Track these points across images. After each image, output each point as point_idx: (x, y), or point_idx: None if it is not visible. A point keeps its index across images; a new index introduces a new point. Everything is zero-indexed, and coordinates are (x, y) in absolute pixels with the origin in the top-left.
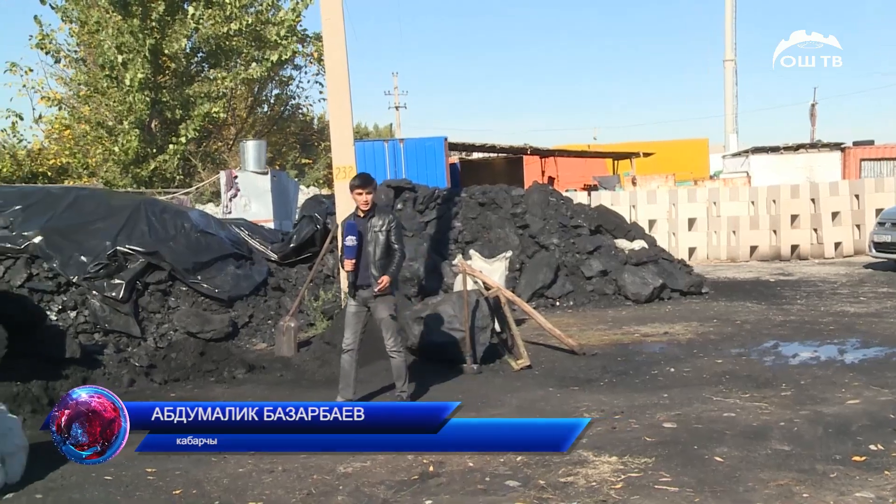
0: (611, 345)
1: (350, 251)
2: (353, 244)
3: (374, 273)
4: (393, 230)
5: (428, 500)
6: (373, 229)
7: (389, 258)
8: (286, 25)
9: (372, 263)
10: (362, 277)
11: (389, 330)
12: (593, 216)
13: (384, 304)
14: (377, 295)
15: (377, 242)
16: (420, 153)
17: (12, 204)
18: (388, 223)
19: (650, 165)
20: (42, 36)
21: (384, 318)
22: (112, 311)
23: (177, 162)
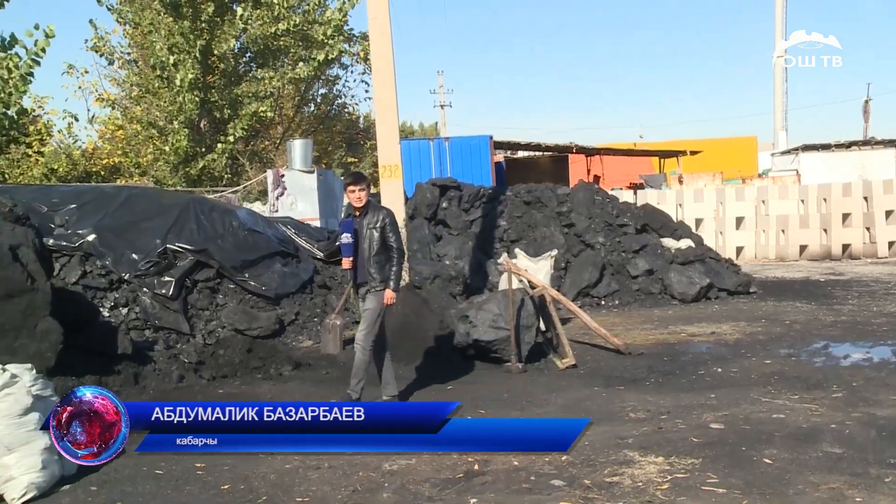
0: (657, 344)
1: (346, 249)
2: (348, 241)
3: (371, 271)
4: (387, 226)
5: (473, 498)
6: (367, 226)
7: (387, 255)
8: (333, 25)
9: (367, 261)
10: (361, 275)
11: (366, 322)
12: (639, 215)
13: (374, 297)
14: (371, 290)
15: (371, 239)
16: (465, 152)
17: (68, 203)
18: (381, 219)
19: (697, 164)
20: (97, 38)
21: (367, 310)
22: (162, 308)
23: (225, 161)
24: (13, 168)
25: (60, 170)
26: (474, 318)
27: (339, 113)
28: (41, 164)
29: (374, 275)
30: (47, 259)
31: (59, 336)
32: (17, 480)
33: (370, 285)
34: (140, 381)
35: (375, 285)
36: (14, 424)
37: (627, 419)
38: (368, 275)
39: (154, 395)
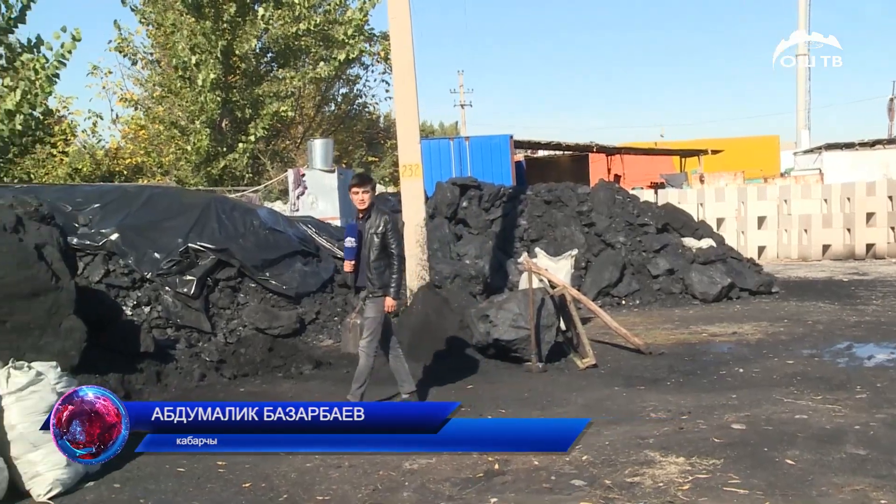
0: (678, 344)
1: (349, 252)
2: (351, 245)
3: (369, 276)
4: (388, 232)
5: (493, 497)
6: (368, 231)
7: (387, 261)
8: (353, 25)
9: (367, 265)
10: (361, 279)
11: (368, 330)
12: (660, 214)
13: (374, 304)
14: (369, 296)
15: (371, 244)
16: (486, 151)
17: (92, 202)
18: (382, 224)
19: (718, 163)
20: (121, 39)
21: (368, 318)
22: (184, 307)
23: (246, 160)
24: (38, 168)
25: (84, 169)
26: (494, 318)
27: (360, 112)
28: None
29: (374, 280)
30: (71, 258)
31: (83, 334)
32: (42, 476)
33: (369, 291)
34: (162, 380)
35: (374, 291)
36: (39, 422)
37: (648, 419)
38: (367, 280)
39: (176, 394)
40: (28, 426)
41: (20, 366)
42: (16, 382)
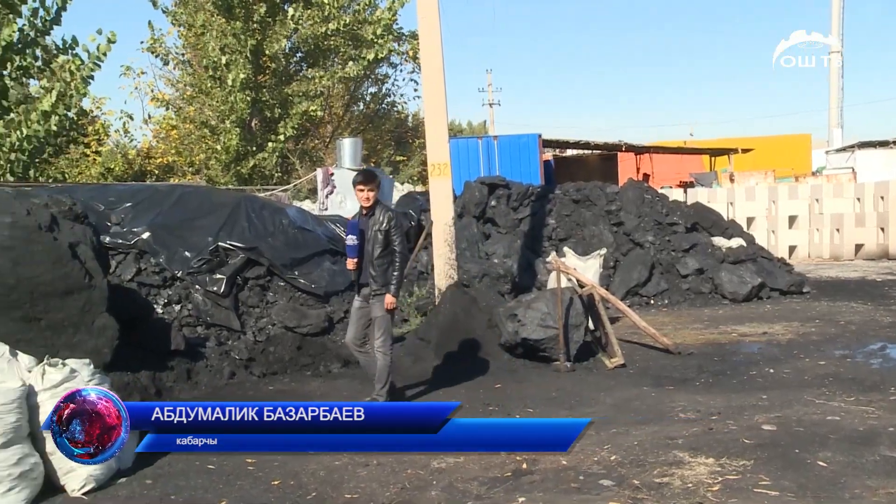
0: (707, 344)
1: (351, 250)
2: (353, 243)
3: (372, 273)
4: (392, 229)
5: (521, 497)
6: (372, 227)
7: (390, 258)
8: (382, 24)
9: (370, 263)
10: (364, 276)
11: (380, 329)
12: (689, 213)
13: (379, 303)
14: (374, 293)
15: (375, 241)
16: (514, 150)
17: (124, 201)
18: (385, 221)
19: (749, 162)
20: (153, 40)
21: (377, 317)
22: (213, 306)
23: (275, 159)
24: (72, 167)
25: (117, 169)
26: (522, 317)
27: (388, 111)
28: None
29: (376, 278)
30: (104, 256)
31: (115, 332)
32: (77, 472)
33: (372, 289)
34: (193, 377)
35: (377, 289)
36: None
37: (677, 419)
38: (370, 277)
39: (206, 392)
40: None
41: (55, 363)
42: (51, 379)
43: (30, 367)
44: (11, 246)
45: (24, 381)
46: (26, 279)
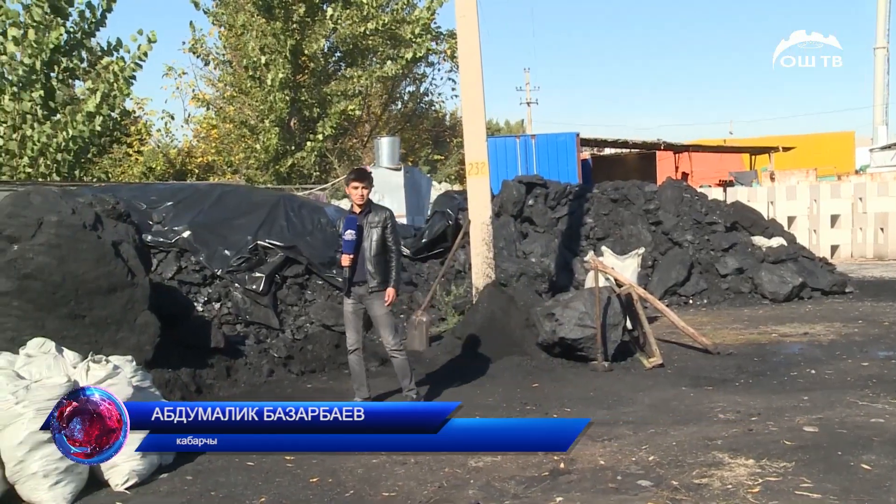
0: (746, 344)
1: (349, 246)
2: (352, 238)
3: (370, 269)
4: (389, 226)
5: (559, 496)
6: (369, 225)
7: (386, 256)
8: (421, 23)
9: (368, 260)
10: (359, 274)
11: (387, 327)
12: (729, 213)
13: (379, 300)
14: (371, 291)
15: (372, 238)
16: (552, 149)
17: (165, 200)
18: (384, 219)
19: (790, 160)
20: (194, 41)
21: (380, 316)
22: (252, 304)
23: (314, 159)
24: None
25: (158, 168)
26: (560, 316)
27: (426, 110)
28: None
29: (374, 275)
30: (146, 255)
31: (157, 329)
32: (119, 467)
33: (369, 285)
34: (232, 375)
35: (374, 286)
36: None
37: (716, 420)
38: (368, 274)
39: (245, 389)
40: None
41: (99, 359)
42: (95, 375)
43: (75, 364)
44: (58, 244)
45: (69, 377)
46: (72, 277)
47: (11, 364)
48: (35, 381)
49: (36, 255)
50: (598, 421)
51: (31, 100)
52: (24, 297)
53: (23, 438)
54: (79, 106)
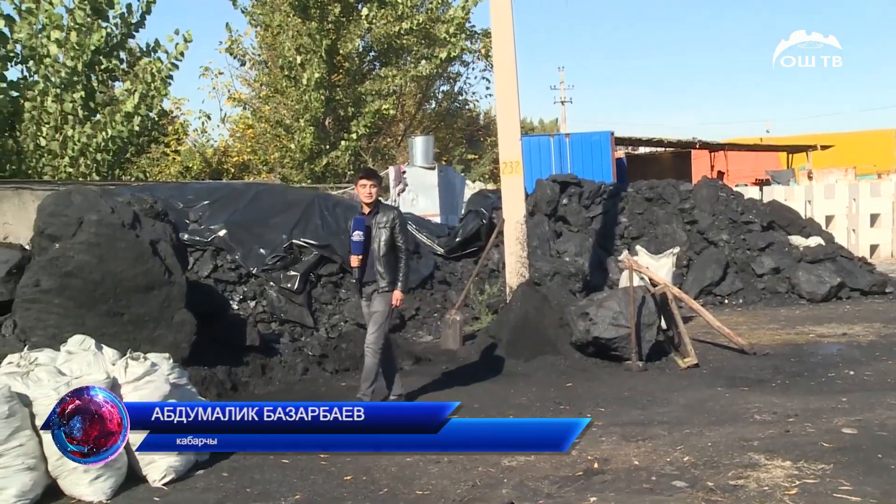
0: (783, 345)
1: (357, 247)
2: (360, 239)
3: (380, 270)
4: (398, 226)
5: (593, 496)
6: (377, 225)
7: (395, 256)
8: (455, 23)
9: (377, 260)
10: (368, 274)
11: (377, 325)
12: (765, 212)
13: (382, 298)
14: (381, 291)
15: (381, 238)
16: (586, 148)
17: (201, 199)
18: (392, 219)
19: (828, 159)
20: (231, 41)
21: (377, 312)
22: (287, 302)
23: (348, 158)
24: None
25: (195, 168)
26: (594, 316)
27: (460, 109)
28: (177, 162)
29: (384, 275)
30: (183, 253)
31: (194, 327)
32: (157, 463)
33: (378, 286)
34: (267, 373)
35: (384, 286)
36: None
37: (752, 421)
38: (378, 274)
39: (280, 387)
40: None
41: (137, 357)
42: (133, 372)
43: (113, 361)
44: (97, 243)
45: (108, 374)
46: (111, 275)
47: (53, 360)
48: (76, 378)
49: (76, 254)
50: (632, 421)
51: (73, 101)
52: (64, 295)
53: None
54: (118, 106)
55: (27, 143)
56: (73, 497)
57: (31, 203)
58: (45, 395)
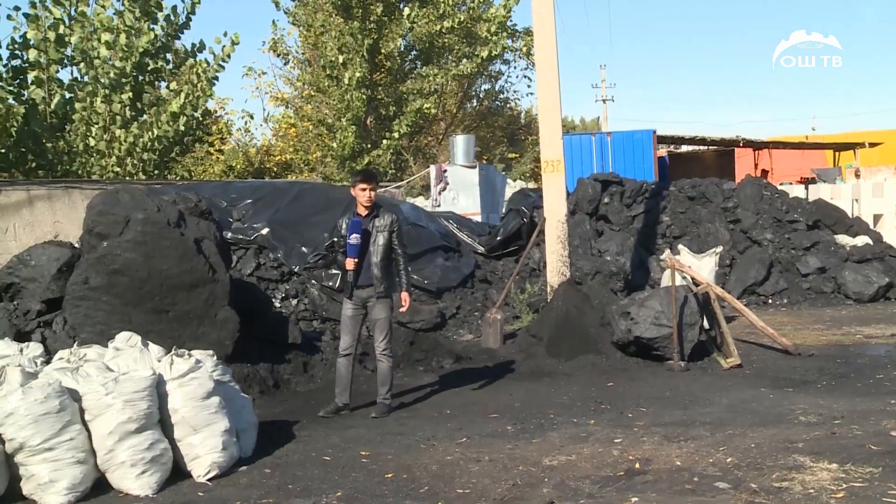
0: (829, 345)
1: (354, 250)
2: (356, 242)
3: (376, 274)
4: (396, 231)
5: (634, 496)
6: (377, 229)
7: (391, 260)
8: (497, 21)
9: (374, 265)
10: (363, 278)
11: (384, 332)
12: (811, 210)
13: (383, 304)
14: (379, 296)
15: (379, 243)
16: (627, 146)
17: (245, 198)
18: (392, 223)
19: (877, 156)
20: (274, 40)
21: (381, 319)
22: (329, 300)
23: (389, 156)
24: (197, 165)
25: (238, 167)
26: (636, 315)
27: (501, 108)
28: (221, 161)
29: (380, 280)
30: (226, 251)
31: (237, 325)
32: (201, 459)
33: (376, 291)
34: (308, 371)
35: (381, 291)
36: (199, 407)
37: (797, 422)
38: (374, 278)
39: (321, 385)
40: (189, 411)
41: (181, 353)
42: (178, 369)
43: (159, 357)
44: (143, 241)
45: (154, 370)
46: (156, 273)
47: (101, 356)
48: (123, 374)
49: (123, 252)
50: (674, 421)
51: (121, 101)
52: (112, 292)
53: (112, 428)
54: (164, 106)
55: (77, 143)
56: (121, 491)
57: (81, 202)
58: (93, 391)
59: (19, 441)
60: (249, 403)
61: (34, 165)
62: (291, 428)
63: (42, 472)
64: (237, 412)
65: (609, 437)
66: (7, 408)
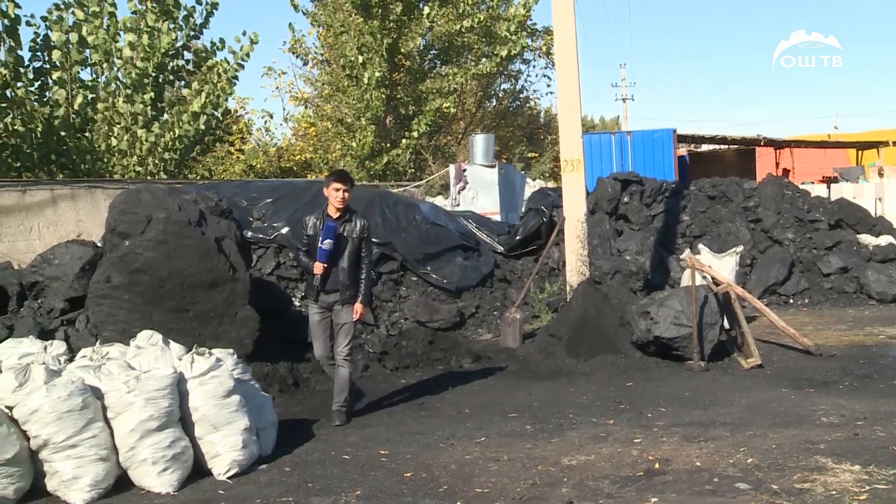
0: (851, 346)
1: (324, 255)
2: (329, 248)
3: (343, 280)
4: (367, 238)
5: (653, 497)
6: (349, 234)
7: (358, 266)
8: (516, 21)
9: (343, 270)
10: (332, 282)
11: (347, 336)
12: (833, 210)
13: (348, 310)
14: (344, 302)
15: (350, 248)
16: (647, 145)
17: (265, 197)
18: (363, 229)
19: None
20: (294, 41)
21: (346, 324)
22: None
23: (409, 156)
24: (217, 165)
25: (258, 166)
26: (655, 315)
27: (521, 108)
28: (241, 160)
29: (348, 286)
30: (247, 250)
31: (257, 324)
32: (222, 457)
33: (342, 296)
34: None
35: (347, 297)
36: (219, 405)
37: (818, 423)
38: (341, 284)
39: None
40: (209, 409)
41: (202, 352)
42: (198, 367)
43: (180, 356)
44: (165, 240)
45: (175, 369)
46: (177, 271)
47: (123, 355)
48: (144, 372)
49: (145, 251)
50: (693, 421)
51: (143, 101)
52: (133, 291)
53: (133, 426)
54: (185, 106)
55: (99, 143)
56: (143, 488)
57: (103, 201)
58: (115, 389)
59: (43, 438)
60: (269, 402)
61: (57, 165)
62: (311, 426)
63: (66, 468)
64: (257, 411)
65: (628, 437)
66: (31, 405)
